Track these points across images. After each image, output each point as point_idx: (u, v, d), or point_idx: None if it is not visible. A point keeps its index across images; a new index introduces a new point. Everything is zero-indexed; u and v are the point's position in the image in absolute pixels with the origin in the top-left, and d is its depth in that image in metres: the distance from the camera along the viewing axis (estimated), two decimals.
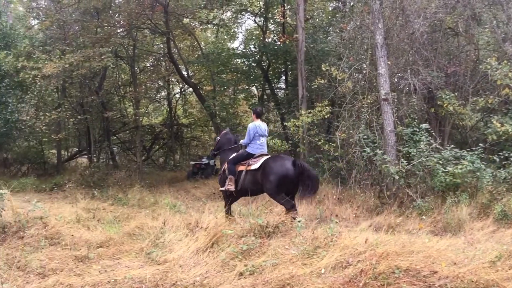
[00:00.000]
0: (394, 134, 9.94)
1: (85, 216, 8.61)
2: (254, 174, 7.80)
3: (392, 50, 11.49)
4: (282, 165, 7.56)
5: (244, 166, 7.96)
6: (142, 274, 5.20)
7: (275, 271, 5.06)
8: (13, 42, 16.55)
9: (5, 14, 18.16)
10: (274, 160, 7.73)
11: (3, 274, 5.23)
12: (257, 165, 7.78)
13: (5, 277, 5.14)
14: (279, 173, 7.46)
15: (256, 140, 8.07)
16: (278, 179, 7.45)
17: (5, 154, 18.23)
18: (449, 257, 4.95)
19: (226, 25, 20.02)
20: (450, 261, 4.82)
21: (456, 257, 5.00)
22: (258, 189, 7.92)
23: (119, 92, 21.47)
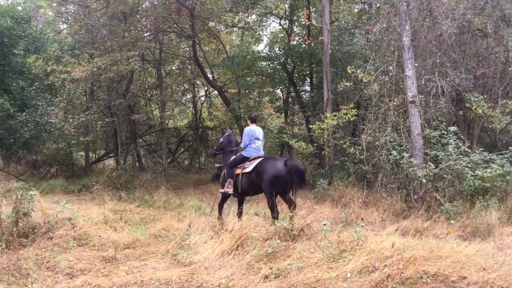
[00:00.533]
0: (421, 137, 9.80)
1: (112, 217, 8.73)
2: (249, 176, 8.14)
3: (420, 52, 11.35)
4: (273, 165, 7.89)
5: (240, 169, 8.32)
6: (168, 275, 5.25)
7: (301, 275, 5.04)
8: (42, 46, 16.89)
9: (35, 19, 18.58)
10: (267, 161, 8.11)
11: (32, 274, 5.34)
12: (250, 168, 8.14)
13: (35, 277, 5.25)
14: (271, 173, 7.78)
15: (251, 144, 8.46)
16: (271, 178, 7.77)
17: (34, 156, 18.55)
18: (478, 263, 4.87)
19: (251, 28, 20.07)
20: (479, 267, 4.74)
21: (485, 262, 4.90)
22: (257, 189, 8.24)
23: (146, 95, 21.71)
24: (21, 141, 15.19)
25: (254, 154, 8.40)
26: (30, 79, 16.55)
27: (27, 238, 6.54)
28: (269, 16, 19.03)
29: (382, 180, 10.37)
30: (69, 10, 17.48)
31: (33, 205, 6.81)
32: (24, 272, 5.38)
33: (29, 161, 18.71)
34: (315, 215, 9.24)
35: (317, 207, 10.25)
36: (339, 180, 11.56)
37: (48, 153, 18.81)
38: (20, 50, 16.00)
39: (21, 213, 6.58)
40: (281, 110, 18.56)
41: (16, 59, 15.87)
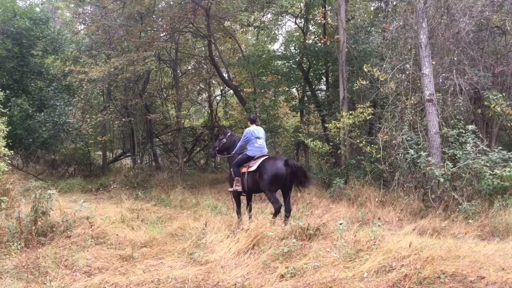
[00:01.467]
0: (439, 135, 9.70)
1: (129, 216, 8.81)
2: (253, 175, 8.43)
3: (437, 50, 11.23)
4: (273, 164, 8.19)
5: (246, 168, 8.59)
6: (185, 274, 5.28)
7: (317, 274, 5.03)
8: (60, 47, 17.08)
9: (53, 20, 18.78)
10: (268, 161, 8.36)
11: (51, 272, 5.41)
12: (255, 167, 8.41)
13: (53, 275, 5.32)
14: (271, 172, 8.10)
15: (254, 143, 8.67)
16: (270, 177, 8.09)
17: (53, 156, 18.78)
18: (497, 262, 4.80)
19: (267, 27, 20.04)
20: (498, 267, 4.67)
21: (504, 262, 4.83)
22: (259, 187, 8.46)
23: (162, 95, 21.82)
24: (40, 140, 15.39)
25: (258, 153, 8.62)
26: (48, 79, 16.75)
27: (45, 236, 6.63)
28: (285, 15, 19.00)
29: (399, 179, 10.29)
30: (86, 11, 17.65)
31: (52, 204, 6.90)
32: (42, 270, 5.45)
33: (48, 161, 18.96)
34: (331, 214, 9.21)
35: (333, 206, 10.22)
36: (355, 179, 11.50)
37: (66, 153, 19.04)
38: (39, 51, 16.21)
39: (40, 212, 6.68)
40: (296, 109, 18.52)
41: (35, 59, 16.08)
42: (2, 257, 5.92)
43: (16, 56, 15.40)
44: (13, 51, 15.06)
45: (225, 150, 9.36)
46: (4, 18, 14.85)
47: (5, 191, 7.86)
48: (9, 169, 8.40)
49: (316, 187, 12.38)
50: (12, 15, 15.25)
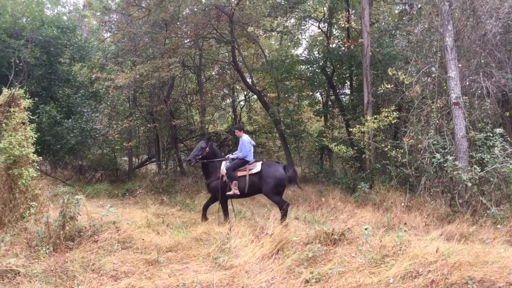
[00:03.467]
0: (466, 139, 9.54)
1: (155, 221, 8.89)
2: (253, 177, 9.16)
3: (463, 52, 11.06)
4: (277, 169, 9.16)
5: (245, 171, 9.26)
6: (210, 278, 5.31)
7: (342, 279, 5.00)
8: (87, 54, 17.38)
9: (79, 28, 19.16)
10: (270, 165, 9.35)
11: (79, 276, 5.51)
12: (257, 169, 9.20)
13: (81, 279, 5.41)
14: (276, 176, 9.04)
15: (250, 149, 9.49)
16: (276, 181, 9.01)
17: (80, 161, 19.06)
18: None
19: (290, 32, 20.06)
20: None
21: None
22: (255, 190, 9.29)
23: (186, 101, 21.98)
24: (67, 147, 15.66)
25: (252, 158, 9.52)
26: (76, 86, 17.07)
27: (73, 241, 6.75)
28: (308, 19, 18.99)
29: (425, 184, 10.15)
30: (112, 19, 17.93)
31: (79, 209, 7.02)
32: (70, 274, 5.55)
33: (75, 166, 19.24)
34: (356, 219, 9.14)
35: (358, 211, 10.13)
36: (380, 184, 11.39)
37: (93, 159, 19.30)
38: (66, 59, 16.53)
39: (68, 217, 6.80)
40: (320, 113, 18.45)
41: (62, 67, 16.40)
42: (31, 261, 6.04)
43: (44, 64, 15.73)
44: (41, 59, 15.39)
45: (206, 159, 9.72)
46: (33, 26, 15.19)
47: (34, 196, 8.01)
48: (38, 174, 8.57)
49: (341, 191, 12.31)
50: (40, 24, 15.60)
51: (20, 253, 6.34)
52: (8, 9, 14.86)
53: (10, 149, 7.77)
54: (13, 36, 14.67)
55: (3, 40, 14.13)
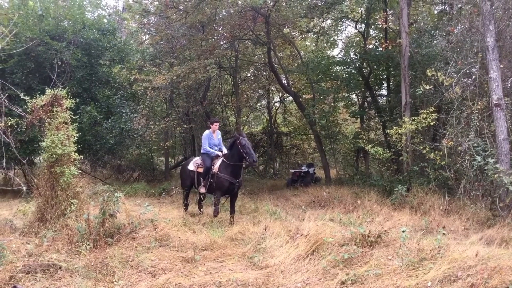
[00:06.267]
0: (507, 142, 9.28)
1: (191, 220, 9.03)
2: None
3: (505, 53, 10.76)
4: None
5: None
6: (245, 277, 5.35)
7: (378, 282, 4.95)
8: (126, 56, 17.73)
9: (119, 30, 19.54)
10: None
11: (118, 272, 5.64)
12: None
13: (120, 275, 5.54)
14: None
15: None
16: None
17: (119, 161, 19.48)
18: None
19: (326, 33, 19.96)
20: None
21: None
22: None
23: (222, 102, 22.20)
24: (107, 146, 16.01)
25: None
26: (115, 87, 17.43)
27: (112, 238, 6.92)
28: (345, 20, 18.85)
29: (465, 187, 9.92)
30: (151, 21, 18.25)
31: (118, 207, 7.19)
32: (110, 270, 5.69)
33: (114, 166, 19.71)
34: (392, 222, 9.01)
35: (395, 214, 9.98)
36: (418, 186, 11.19)
37: (131, 158, 19.69)
38: (106, 61, 16.91)
39: (107, 214, 6.98)
40: (356, 115, 18.28)
41: (102, 69, 16.78)
42: (72, 257, 6.23)
43: (85, 65, 16.14)
44: (82, 61, 15.79)
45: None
46: (74, 29, 15.60)
47: (75, 194, 8.25)
48: (79, 173, 8.82)
49: (377, 194, 12.16)
50: (82, 26, 16.01)
51: (61, 248, 6.55)
52: (50, 12, 15.30)
53: (53, 147, 8.04)
54: (55, 38, 15.11)
55: (46, 42, 14.57)
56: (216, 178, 9.34)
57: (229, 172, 9.29)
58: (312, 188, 14.70)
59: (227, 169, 9.32)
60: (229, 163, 9.32)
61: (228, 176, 9.27)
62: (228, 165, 9.32)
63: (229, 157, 9.39)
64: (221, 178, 9.28)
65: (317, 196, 12.90)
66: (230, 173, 9.29)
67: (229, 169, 9.31)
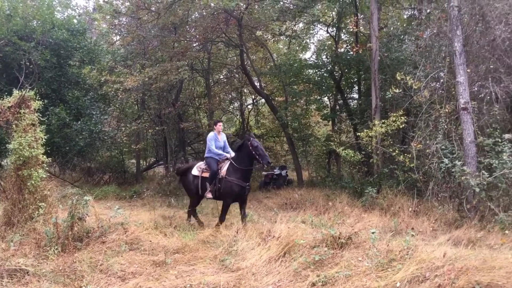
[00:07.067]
0: (474, 144, 9.51)
1: (162, 223, 8.96)
2: None
3: (472, 58, 11.03)
4: None
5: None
6: (216, 280, 5.34)
7: (348, 283, 5.01)
8: (97, 57, 17.52)
9: (89, 31, 19.29)
10: None
11: (87, 276, 5.56)
12: None
13: (89, 279, 5.46)
14: None
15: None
16: None
17: (89, 163, 19.18)
18: None
19: (298, 36, 20.10)
20: None
21: None
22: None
23: (194, 104, 22.10)
24: (76, 148, 15.77)
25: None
26: (85, 89, 17.19)
27: (81, 241, 6.81)
28: (316, 24, 19.01)
29: (433, 189, 10.12)
30: (122, 22, 18.07)
31: (88, 210, 7.08)
32: (79, 274, 5.61)
33: (84, 168, 19.39)
34: (363, 224, 9.13)
35: (365, 215, 10.12)
36: (388, 188, 11.36)
37: (102, 161, 19.42)
38: (76, 61, 16.65)
39: (76, 218, 6.87)
40: (328, 117, 18.44)
41: (72, 70, 16.53)
42: (40, 261, 6.11)
43: (54, 66, 15.87)
44: (51, 62, 15.52)
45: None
46: (43, 29, 15.32)
47: (43, 197, 8.07)
48: (47, 176, 8.65)
49: (348, 196, 12.30)
50: (51, 27, 15.74)
51: (29, 253, 6.42)
52: (19, 11, 15.01)
53: (20, 150, 7.85)
54: (23, 38, 14.81)
55: (14, 43, 14.27)
56: (225, 183, 8.82)
57: (239, 176, 8.80)
58: (284, 190, 14.78)
59: (236, 172, 8.81)
60: (238, 167, 8.84)
61: (238, 180, 8.77)
62: (238, 169, 8.83)
63: (238, 160, 8.90)
64: (231, 183, 8.78)
65: (289, 198, 12.97)
66: (240, 177, 8.80)
67: (238, 172, 8.81)
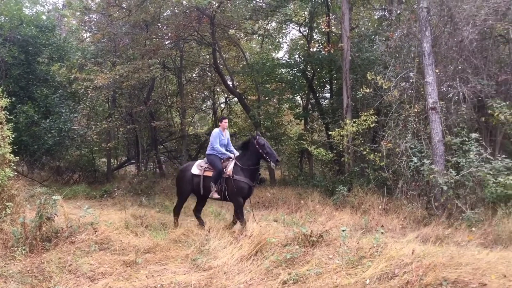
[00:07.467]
0: (442, 143, 9.72)
1: (133, 222, 8.85)
2: None
3: (440, 58, 11.27)
4: None
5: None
6: (188, 279, 5.31)
7: (319, 281, 5.05)
8: (66, 54, 17.18)
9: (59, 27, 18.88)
10: None
11: (55, 277, 5.46)
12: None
13: (57, 280, 5.36)
14: None
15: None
16: None
17: (58, 162, 18.80)
18: (499, 270, 4.81)
19: (271, 35, 20.14)
20: (500, 274, 4.68)
21: (506, 270, 4.84)
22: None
23: (166, 102, 21.90)
24: (45, 147, 15.45)
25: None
26: (54, 86, 16.84)
27: (50, 242, 6.68)
28: (289, 23, 19.09)
29: (402, 187, 10.30)
30: (92, 19, 17.79)
31: (56, 210, 6.94)
32: (47, 275, 5.50)
33: (53, 167, 18.99)
34: (334, 222, 9.23)
35: (337, 213, 10.23)
36: (358, 186, 11.51)
37: (71, 160, 19.07)
38: (44, 58, 16.30)
39: (45, 218, 6.72)
40: (300, 117, 18.55)
41: (41, 67, 16.17)
42: (7, 262, 5.96)
43: (23, 63, 15.51)
44: (19, 59, 15.17)
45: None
46: (11, 25, 14.96)
47: (10, 197, 7.88)
48: (15, 175, 8.45)
49: (320, 194, 12.40)
50: (19, 23, 15.37)
51: None
52: None
53: None
54: None
55: None
56: (234, 182, 8.35)
57: (246, 175, 8.39)
58: (256, 189, 14.76)
59: (244, 171, 8.40)
60: (244, 167, 8.42)
61: (246, 179, 8.37)
62: (243, 168, 8.42)
63: (244, 159, 8.52)
64: (240, 182, 8.35)
65: (261, 197, 12.99)
66: (247, 175, 8.39)
67: (245, 172, 8.40)
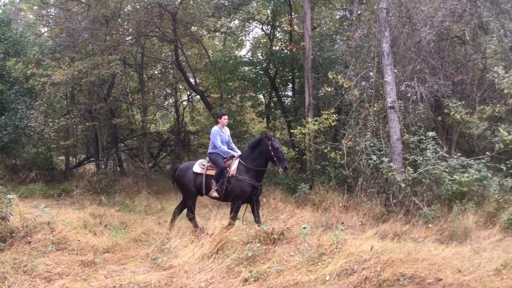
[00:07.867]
0: (400, 142, 9.93)
1: (92, 221, 8.65)
2: None
3: (399, 58, 11.51)
4: None
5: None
6: (147, 279, 5.25)
7: (280, 278, 5.09)
8: (23, 49, 16.68)
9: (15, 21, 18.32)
10: None
11: (10, 278, 5.29)
12: None
13: (12, 281, 5.20)
14: None
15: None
16: None
17: (13, 160, 18.28)
18: (454, 265, 4.96)
19: (234, 33, 20.13)
20: (455, 269, 4.83)
21: (461, 265, 4.99)
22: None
23: (127, 99, 21.55)
24: (0, 145, 14.97)
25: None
26: (10, 82, 16.32)
27: (4, 242, 6.46)
28: (252, 21, 19.12)
29: (362, 185, 10.47)
30: (50, 13, 17.34)
31: (12, 209, 6.74)
32: (1, 276, 5.32)
33: (8, 165, 18.44)
34: (295, 219, 9.29)
35: (298, 211, 10.30)
36: (320, 184, 11.63)
37: (28, 157, 18.56)
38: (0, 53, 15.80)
39: None
40: (263, 115, 18.62)
41: None
42: None
43: None
44: None
45: None
46: None
47: None
48: None
49: (282, 192, 12.46)
50: None
51: None
52: None
53: None
54: None
55: None
56: (236, 182, 7.98)
57: (251, 175, 8.02)
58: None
59: (248, 171, 8.03)
60: (249, 167, 8.05)
61: (250, 179, 7.99)
62: (248, 168, 8.05)
63: (250, 159, 8.12)
64: (243, 182, 7.99)
65: None
66: (252, 176, 8.02)
67: (250, 172, 8.04)
